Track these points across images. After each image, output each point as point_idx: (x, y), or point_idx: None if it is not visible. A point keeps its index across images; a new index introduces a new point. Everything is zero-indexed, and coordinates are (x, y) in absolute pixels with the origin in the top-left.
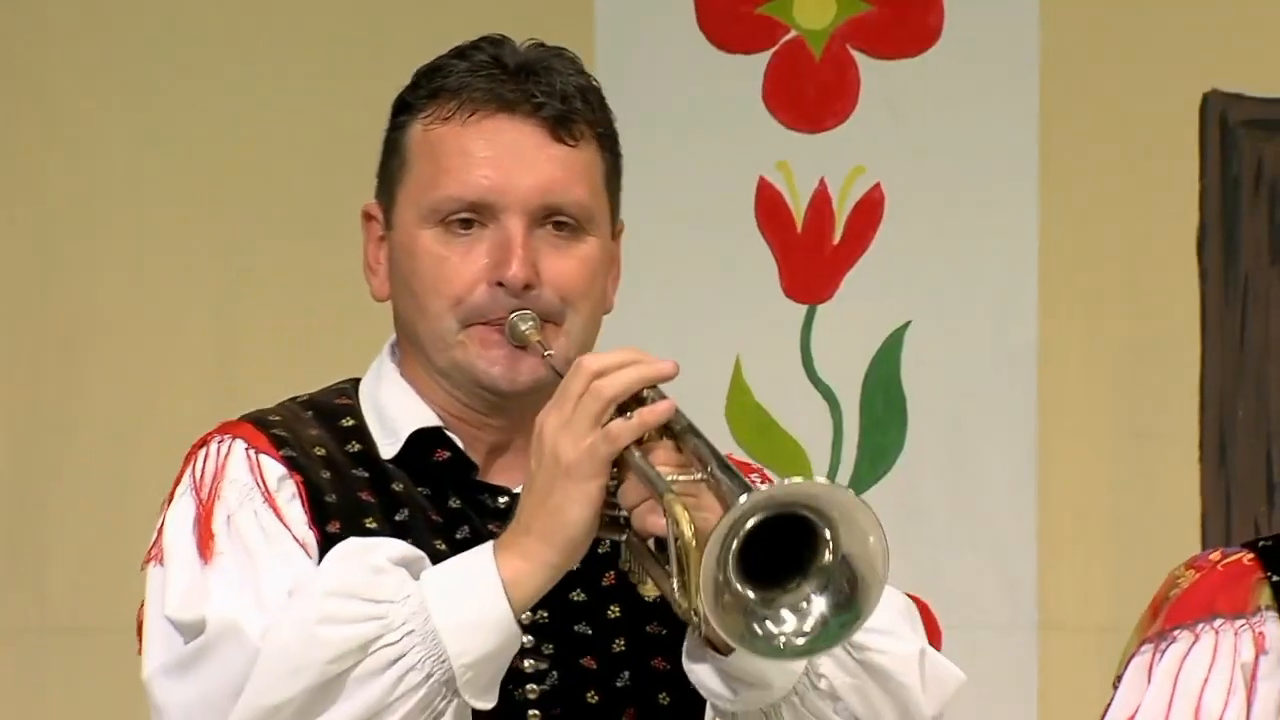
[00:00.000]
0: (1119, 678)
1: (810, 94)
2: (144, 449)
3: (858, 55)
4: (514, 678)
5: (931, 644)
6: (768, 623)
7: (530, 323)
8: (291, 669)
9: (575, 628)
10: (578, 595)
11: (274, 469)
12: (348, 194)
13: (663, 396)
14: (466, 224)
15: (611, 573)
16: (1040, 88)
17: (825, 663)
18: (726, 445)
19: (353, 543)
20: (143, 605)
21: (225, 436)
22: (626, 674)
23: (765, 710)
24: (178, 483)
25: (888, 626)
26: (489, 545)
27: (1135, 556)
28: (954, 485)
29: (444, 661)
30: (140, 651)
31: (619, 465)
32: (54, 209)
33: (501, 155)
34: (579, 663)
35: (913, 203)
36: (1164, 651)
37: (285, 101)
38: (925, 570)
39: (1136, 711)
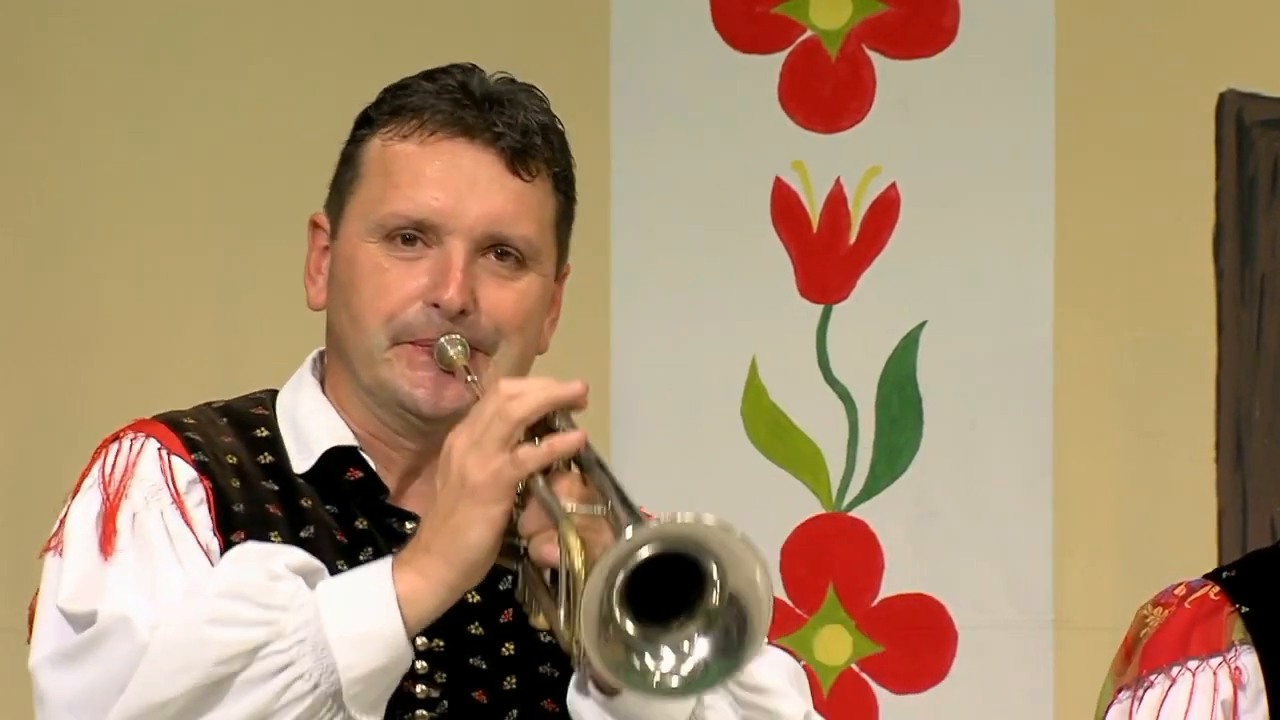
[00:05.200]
0: None
1: (826, 94)
2: None
3: (873, 55)
4: (405, 702)
5: (946, 643)
6: (646, 658)
7: (459, 348)
8: (178, 667)
9: (470, 660)
10: (475, 629)
11: (185, 471)
12: None
13: (574, 426)
14: (411, 242)
15: (510, 610)
16: (1056, 87)
17: (710, 716)
18: (742, 445)
19: (251, 546)
20: (36, 596)
21: (138, 434)
22: (515, 712)
23: None
24: (85, 475)
25: (777, 687)
26: (387, 561)
27: (1150, 557)
28: (969, 485)
29: (333, 673)
30: (29, 641)
31: (524, 492)
32: (57, 209)
33: (454, 179)
34: (470, 695)
35: (928, 203)
36: (1141, 699)
37: (290, 101)
38: (940, 570)
39: None
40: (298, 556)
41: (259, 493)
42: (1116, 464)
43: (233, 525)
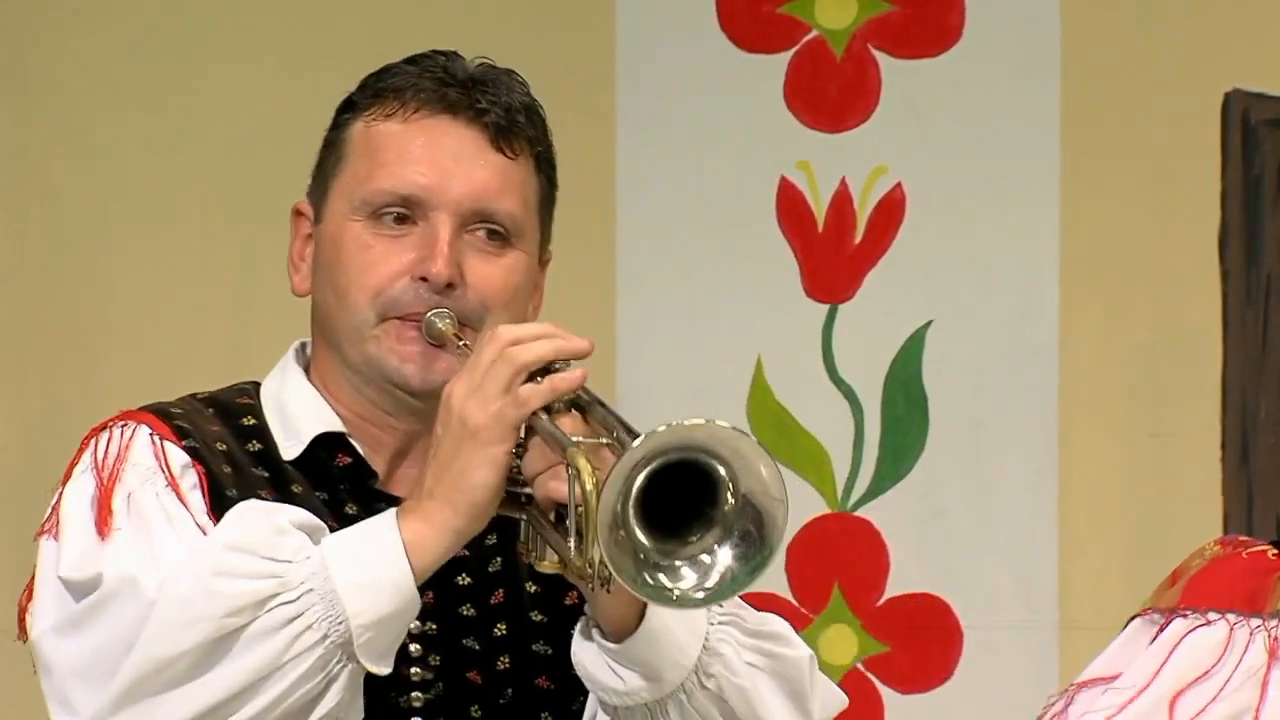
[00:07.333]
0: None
1: (831, 94)
2: None
3: (879, 55)
4: (400, 685)
5: (952, 643)
6: (661, 575)
7: (448, 320)
8: (187, 620)
9: (463, 641)
10: (467, 610)
11: (178, 456)
12: None
13: (572, 367)
14: (398, 219)
15: (501, 590)
16: (1061, 87)
17: (715, 664)
18: None
19: (254, 504)
20: (25, 591)
21: (128, 422)
22: (510, 691)
23: (650, 707)
24: (75, 463)
25: (782, 632)
26: (392, 510)
27: (1155, 556)
28: (975, 485)
29: (341, 622)
30: (20, 637)
31: (524, 435)
32: (69, 209)
33: (439, 155)
34: (464, 676)
35: (934, 202)
36: (1168, 625)
37: (301, 101)
38: (945, 569)
39: (1117, 677)
40: (300, 514)
41: (250, 479)
42: (1122, 463)
43: (226, 510)
